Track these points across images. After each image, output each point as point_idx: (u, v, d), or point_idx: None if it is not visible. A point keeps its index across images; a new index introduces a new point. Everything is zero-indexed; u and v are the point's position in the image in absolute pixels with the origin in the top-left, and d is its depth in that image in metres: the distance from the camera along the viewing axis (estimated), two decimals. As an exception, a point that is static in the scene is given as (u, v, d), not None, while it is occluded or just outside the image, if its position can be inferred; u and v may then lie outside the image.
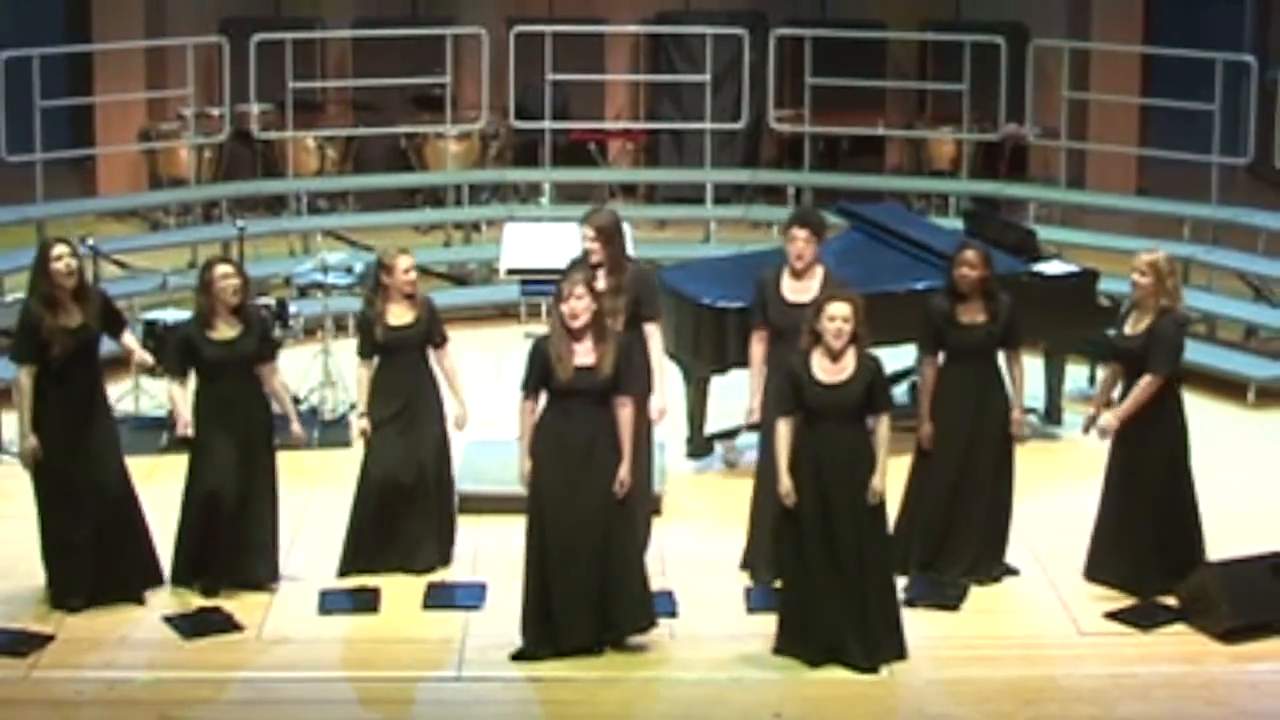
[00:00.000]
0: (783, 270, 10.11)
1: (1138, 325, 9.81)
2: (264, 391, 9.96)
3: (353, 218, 16.77)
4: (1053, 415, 12.51)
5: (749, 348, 10.23)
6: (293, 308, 13.04)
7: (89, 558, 9.63)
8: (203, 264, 10.12)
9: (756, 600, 9.78)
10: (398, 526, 10.09)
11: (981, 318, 9.97)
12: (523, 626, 9.26)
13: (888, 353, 9.75)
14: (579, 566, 9.14)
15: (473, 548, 10.28)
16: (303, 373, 12.42)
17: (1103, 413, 9.96)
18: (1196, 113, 15.53)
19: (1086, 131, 16.93)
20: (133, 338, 10.14)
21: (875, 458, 9.09)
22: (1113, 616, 9.69)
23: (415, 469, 10.06)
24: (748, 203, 17.13)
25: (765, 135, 17.92)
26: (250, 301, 10.10)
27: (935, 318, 10.02)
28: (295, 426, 10.06)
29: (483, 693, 9.02)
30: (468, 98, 17.52)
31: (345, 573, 10.08)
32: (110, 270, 14.05)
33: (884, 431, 9.15)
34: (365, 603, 9.82)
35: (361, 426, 10.16)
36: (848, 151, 17.75)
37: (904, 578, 9.89)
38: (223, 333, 9.75)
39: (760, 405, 9.99)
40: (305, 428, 10.42)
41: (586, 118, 17.85)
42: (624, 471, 9.20)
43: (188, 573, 9.86)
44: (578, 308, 9.09)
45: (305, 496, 10.87)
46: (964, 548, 10.02)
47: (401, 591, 9.91)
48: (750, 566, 10.15)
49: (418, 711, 8.94)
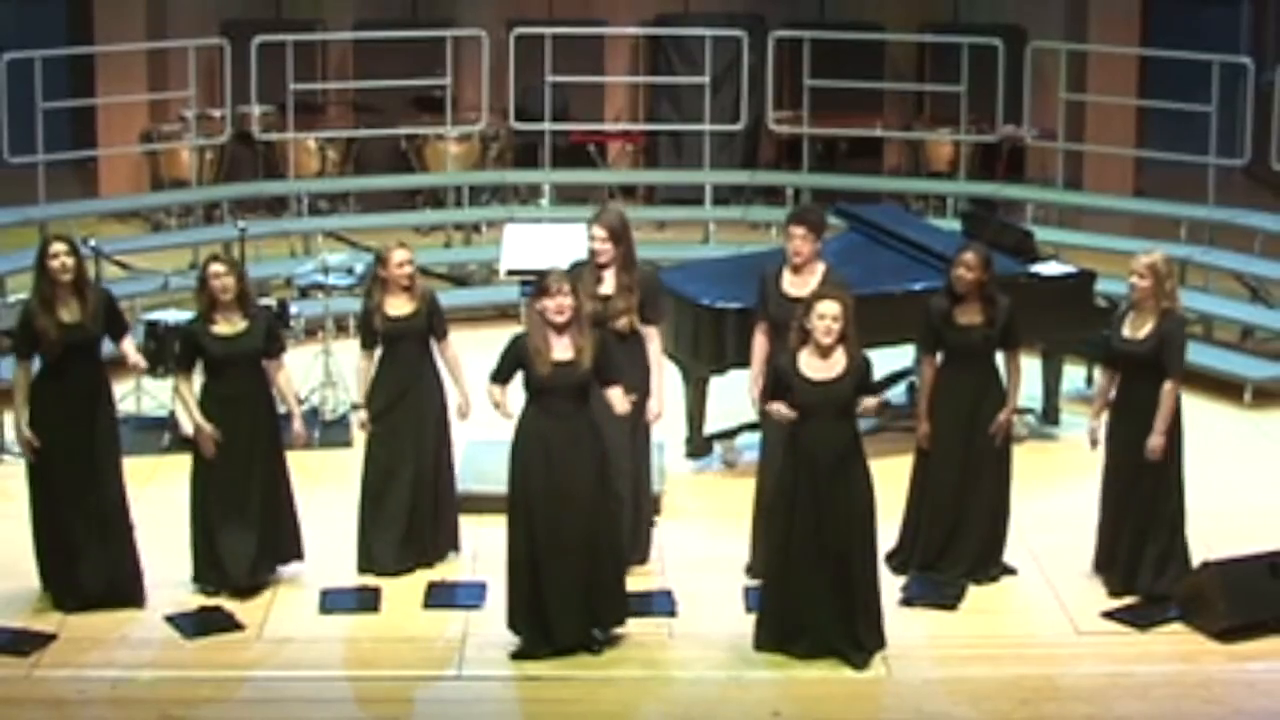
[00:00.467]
0: (783, 266, 10.15)
1: (1139, 328, 9.77)
2: (270, 389, 9.96)
3: (353, 219, 16.79)
4: (1050, 415, 12.52)
5: (748, 348, 10.26)
6: (294, 308, 13.07)
7: (77, 559, 9.60)
8: (203, 261, 10.15)
9: (755, 600, 9.74)
10: (405, 520, 10.11)
11: (979, 319, 9.96)
12: (514, 625, 9.26)
13: (886, 353, 9.80)
14: (570, 563, 9.13)
15: (473, 548, 10.28)
16: (304, 373, 12.44)
17: (1101, 419, 9.95)
18: (1193, 114, 15.53)
19: (1084, 133, 16.95)
20: (131, 344, 10.01)
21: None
22: (1110, 616, 9.70)
23: (417, 461, 10.09)
24: (746, 204, 17.15)
25: (764, 137, 17.96)
26: (252, 299, 10.12)
27: (934, 318, 10.03)
28: (297, 425, 10.08)
29: (483, 691, 9.03)
30: (468, 99, 17.55)
31: (365, 570, 10.10)
32: (112, 271, 14.05)
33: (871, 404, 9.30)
34: (366, 602, 9.83)
35: (360, 419, 10.20)
36: (846, 153, 17.78)
37: (903, 577, 9.95)
38: (226, 328, 9.76)
39: (762, 395, 10.03)
40: (307, 428, 10.44)
41: (586, 119, 17.87)
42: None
43: (209, 570, 9.84)
44: (564, 304, 9.09)
45: (306, 496, 10.86)
46: (966, 548, 10.03)
47: (402, 591, 9.93)
48: (758, 575, 10.09)
49: (418, 710, 8.94)
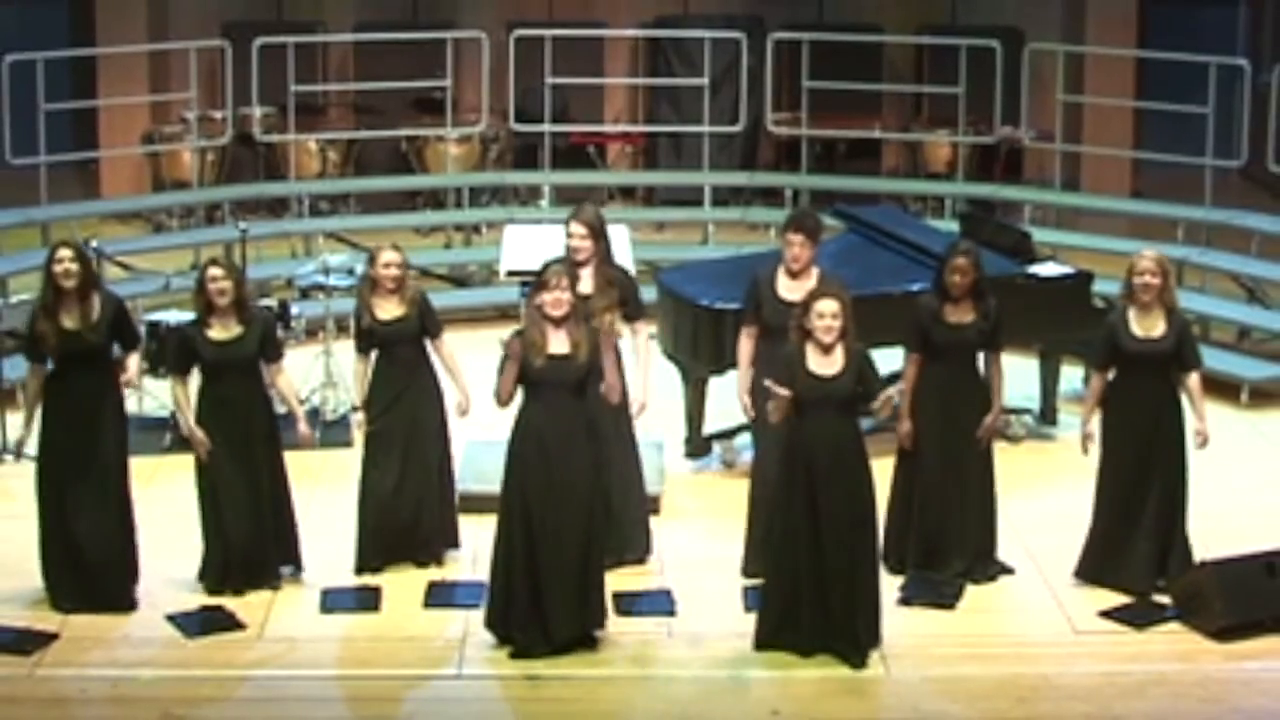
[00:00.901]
0: (778, 269, 10.17)
1: (1151, 327, 9.78)
2: (266, 392, 10.00)
3: (354, 220, 16.82)
4: (1048, 416, 12.56)
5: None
6: (294, 309, 13.09)
7: (74, 562, 9.62)
8: (202, 265, 10.17)
9: (754, 599, 9.75)
10: (404, 522, 10.15)
11: (970, 317, 10.01)
12: (493, 625, 9.28)
13: (884, 354, 9.81)
14: (566, 558, 9.15)
15: (473, 547, 10.28)
16: (304, 374, 12.49)
17: (1094, 421, 9.95)
18: (1190, 116, 15.55)
19: (1081, 134, 16.98)
20: (135, 360, 9.95)
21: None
22: (1107, 615, 9.73)
23: (415, 462, 10.11)
24: (745, 205, 17.17)
25: (763, 138, 17.98)
26: (252, 302, 10.14)
27: (923, 317, 10.06)
28: (302, 426, 10.08)
29: (483, 690, 9.06)
30: (468, 101, 17.58)
31: (361, 570, 10.14)
32: (113, 272, 14.10)
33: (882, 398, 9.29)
34: (367, 601, 9.86)
35: (359, 422, 10.22)
36: (844, 154, 17.81)
37: (899, 577, 9.98)
38: (222, 333, 9.76)
39: (752, 402, 10.08)
40: (310, 429, 10.44)
41: (586, 121, 17.90)
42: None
43: (216, 572, 9.88)
44: (562, 298, 9.12)
45: (307, 496, 10.89)
46: (957, 548, 10.05)
47: (403, 590, 9.96)
48: (752, 575, 10.11)
49: (418, 710, 8.96)
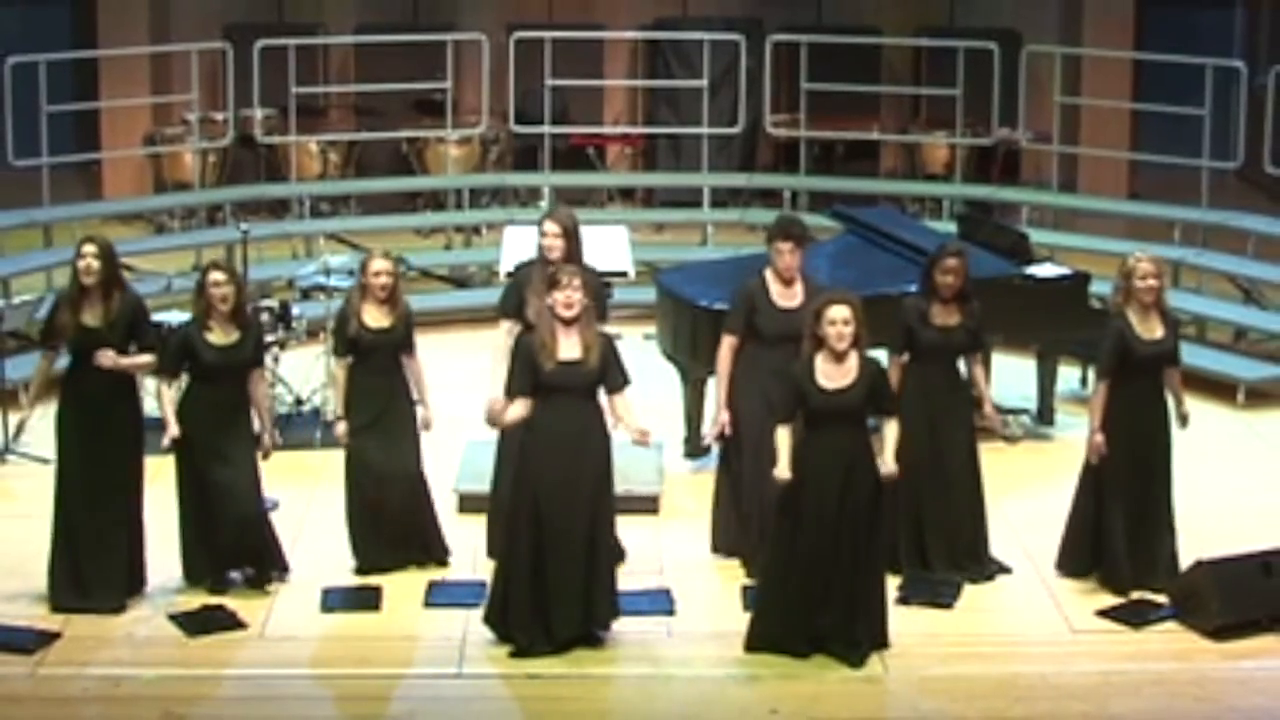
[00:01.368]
0: (767, 278, 10.13)
1: (1152, 329, 9.83)
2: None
3: (355, 221, 16.85)
4: (1045, 416, 12.58)
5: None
6: (295, 310, 13.09)
7: (76, 560, 9.66)
8: (203, 268, 10.18)
9: (754, 599, 9.80)
10: (390, 529, 10.15)
11: (956, 319, 10.07)
12: (492, 621, 9.29)
13: (881, 355, 9.85)
14: (572, 559, 9.15)
15: (472, 547, 10.29)
16: (305, 374, 12.54)
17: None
18: (1187, 117, 15.59)
19: (1078, 136, 17.01)
20: (145, 359, 9.81)
21: (883, 453, 9.11)
22: (1104, 614, 9.76)
23: (397, 472, 10.08)
24: (744, 206, 17.21)
25: (761, 140, 18.02)
26: (253, 304, 10.14)
27: (910, 319, 10.10)
28: (265, 439, 9.95)
29: (483, 689, 9.08)
30: (468, 103, 17.61)
31: (361, 571, 10.15)
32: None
33: (893, 431, 9.22)
34: (367, 600, 9.88)
35: (339, 431, 10.13)
36: (843, 155, 17.86)
37: (895, 577, 9.95)
38: (220, 337, 9.76)
39: (730, 420, 10.07)
40: (304, 430, 10.39)
41: (585, 122, 17.94)
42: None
43: (200, 571, 9.91)
44: (574, 298, 9.03)
45: (307, 496, 10.93)
46: (949, 548, 10.08)
47: (403, 589, 9.97)
48: (722, 551, 10.33)
49: (419, 708, 8.94)
